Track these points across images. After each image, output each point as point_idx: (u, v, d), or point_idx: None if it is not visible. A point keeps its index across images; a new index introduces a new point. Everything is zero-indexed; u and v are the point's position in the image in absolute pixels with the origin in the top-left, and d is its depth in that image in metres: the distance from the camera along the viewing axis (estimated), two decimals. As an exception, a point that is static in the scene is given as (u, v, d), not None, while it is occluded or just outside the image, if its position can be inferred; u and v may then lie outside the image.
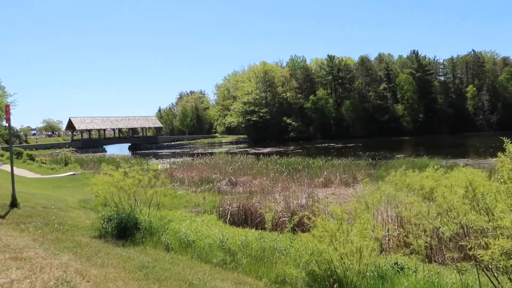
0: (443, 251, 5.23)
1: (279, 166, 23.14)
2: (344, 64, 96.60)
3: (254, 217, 10.07)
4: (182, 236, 6.50)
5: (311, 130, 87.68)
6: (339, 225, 4.85)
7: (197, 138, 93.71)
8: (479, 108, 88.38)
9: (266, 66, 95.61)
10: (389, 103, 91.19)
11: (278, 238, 6.75)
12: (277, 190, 16.43)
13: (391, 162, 24.17)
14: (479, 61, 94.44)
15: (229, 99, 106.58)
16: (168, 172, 25.04)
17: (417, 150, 43.86)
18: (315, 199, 11.59)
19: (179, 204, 14.99)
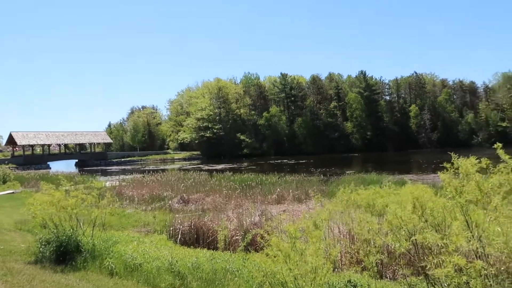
0: (393, 267, 5.30)
1: (232, 183, 22.92)
2: (297, 82, 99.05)
3: (206, 236, 9.76)
4: (128, 259, 6.09)
5: (264, 147, 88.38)
6: (293, 244, 4.75)
7: (148, 154, 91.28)
8: (421, 126, 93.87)
9: (220, 82, 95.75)
10: (339, 121, 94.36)
11: (230, 259, 6.52)
12: (230, 208, 16.20)
13: (341, 178, 24.77)
14: (420, 83, 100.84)
15: (182, 115, 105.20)
16: (116, 190, 23.99)
17: (366, 167, 45.38)
18: (268, 216, 11.50)
19: (128, 223, 14.31)
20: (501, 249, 2.82)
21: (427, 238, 3.16)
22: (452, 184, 3.41)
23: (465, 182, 3.30)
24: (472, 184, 3.21)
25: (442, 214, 3.48)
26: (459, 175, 3.42)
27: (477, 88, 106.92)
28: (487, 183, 3.18)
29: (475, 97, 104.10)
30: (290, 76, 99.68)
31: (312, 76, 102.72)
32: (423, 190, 4.06)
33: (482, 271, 2.72)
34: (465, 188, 3.26)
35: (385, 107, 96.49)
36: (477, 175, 3.24)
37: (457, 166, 3.39)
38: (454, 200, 3.26)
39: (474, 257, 3.30)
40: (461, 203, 3.19)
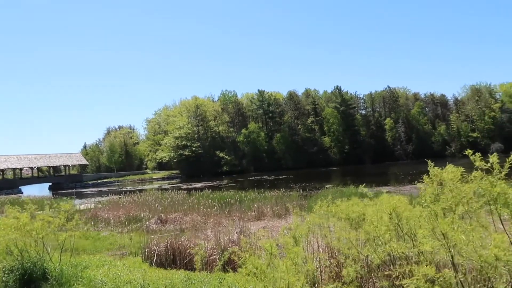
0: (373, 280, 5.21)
1: (211, 201, 22.62)
2: (274, 98, 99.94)
3: (183, 257, 9.47)
4: (97, 284, 5.79)
5: (244, 163, 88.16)
6: (269, 261, 4.60)
7: (126, 175, 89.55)
8: (396, 139, 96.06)
9: (198, 100, 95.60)
10: (317, 136, 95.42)
11: (206, 279, 6.30)
12: (209, 226, 15.92)
13: (320, 192, 24.82)
14: (394, 96, 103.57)
15: (160, 134, 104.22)
16: (91, 212, 23.33)
17: (345, 180, 45.78)
18: (247, 233, 11.30)
19: (102, 247, 13.84)
20: (469, 257, 2.78)
21: (396, 248, 3.09)
22: (428, 191, 3.38)
23: (441, 190, 3.28)
24: (447, 192, 3.18)
25: (418, 223, 3.44)
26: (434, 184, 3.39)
27: (447, 101, 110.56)
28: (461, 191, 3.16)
29: (446, 109, 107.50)
30: (268, 93, 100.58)
31: (289, 92, 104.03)
32: (399, 200, 4.02)
33: (451, 280, 2.66)
34: (441, 196, 3.23)
35: (361, 121, 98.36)
36: (452, 183, 3.22)
37: (434, 174, 3.37)
38: (428, 208, 3.23)
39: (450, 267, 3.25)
40: (435, 211, 3.16)
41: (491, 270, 2.76)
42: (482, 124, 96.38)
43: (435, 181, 3.37)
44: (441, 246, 2.97)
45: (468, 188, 3.11)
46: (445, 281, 2.71)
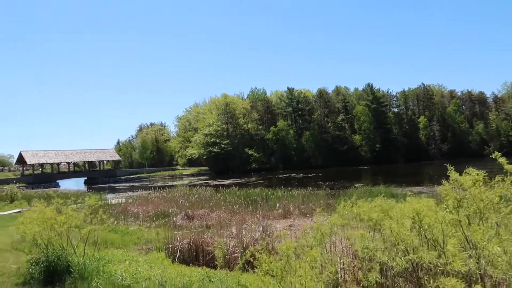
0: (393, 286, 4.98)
1: (237, 198, 22.62)
2: (303, 96, 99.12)
3: (205, 254, 9.46)
4: (117, 279, 5.84)
5: (272, 161, 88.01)
6: (285, 263, 4.46)
7: (157, 170, 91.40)
8: (430, 137, 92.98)
9: (227, 98, 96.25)
10: (347, 134, 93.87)
11: (226, 278, 6.23)
12: (234, 224, 15.90)
13: (349, 192, 24.30)
14: (428, 94, 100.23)
15: (190, 131, 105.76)
16: (122, 207, 23.87)
17: (375, 179, 44.81)
18: (270, 231, 11.16)
19: (130, 241, 14.08)
20: (504, 270, 2.53)
21: (423, 257, 2.87)
22: (451, 195, 3.13)
23: (464, 195, 3.03)
24: (470, 198, 2.93)
25: (441, 229, 3.20)
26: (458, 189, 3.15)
27: (486, 98, 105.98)
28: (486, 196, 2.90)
29: (484, 107, 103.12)
30: (297, 90, 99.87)
31: (319, 89, 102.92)
32: (424, 203, 3.77)
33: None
34: (463, 203, 2.99)
35: (393, 119, 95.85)
36: (475, 189, 2.96)
37: (455, 179, 3.13)
38: (452, 215, 2.98)
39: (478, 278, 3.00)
40: (459, 217, 2.91)
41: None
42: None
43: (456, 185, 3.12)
44: (470, 257, 2.73)
45: (490, 194, 2.85)
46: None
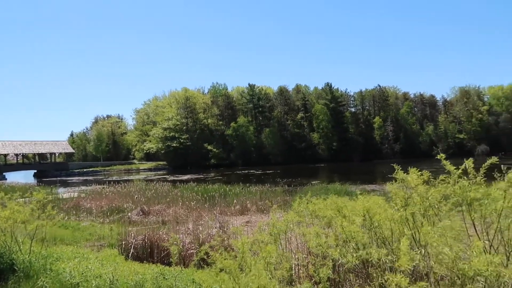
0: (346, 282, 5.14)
1: (195, 194, 22.42)
2: (264, 93, 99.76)
3: (160, 250, 9.30)
4: (65, 278, 5.60)
5: (232, 157, 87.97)
6: (241, 260, 4.46)
7: (112, 164, 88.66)
8: (384, 137, 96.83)
9: (188, 92, 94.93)
10: (306, 132, 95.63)
11: (180, 275, 6.15)
12: (191, 219, 15.76)
13: (306, 189, 24.77)
14: (383, 95, 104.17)
15: (148, 125, 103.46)
16: (74, 202, 22.99)
17: (332, 177, 46.02)
18: (227, 228, 11.16)
19: (81, 237, 13.58)
20: (450, 268, 2.67)
21: (373, 254, 2.98)
22: (399, 195, 3.27)
23: (410, 194, 3.17)
24: (417, 196, 3.07)
25: (390, 227, 3.33)
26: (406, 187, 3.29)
27: (436, 101, 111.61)
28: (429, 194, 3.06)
29: (434, 110, 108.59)
30: (258, 87, 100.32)
31: (280, 87, 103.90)
32: (375, 201, 3.90)
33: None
34: (410, 201, 3.13)
35: (350, 118, 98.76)
36: (421, 187, 3.11)
37: (401, 178, 3.27)
38: (400, 213, 3.12)
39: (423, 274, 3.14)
40: (406, 216, 3.05)
41: (470, 283, 2.66)
42: (469, 125, 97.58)
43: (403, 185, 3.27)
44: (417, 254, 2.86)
45: (434, 193, 3.01)
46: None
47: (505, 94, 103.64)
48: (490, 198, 2.92)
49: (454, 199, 3.10)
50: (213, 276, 4.27)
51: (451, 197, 3.16)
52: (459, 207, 3.29)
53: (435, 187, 3.18)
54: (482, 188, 2.97)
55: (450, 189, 3.07)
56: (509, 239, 3.29)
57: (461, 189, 2.97)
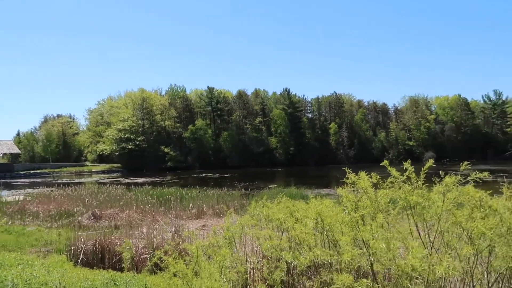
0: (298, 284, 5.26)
1: (150, 197, 21.93)
2: (223, 96, 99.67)
3: (112, 256, 9.01)
4: (7, 286, 5.29)
5: (189, 160, 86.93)
6: (195, 264, 4.44)
7: (63, 166, 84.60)
8: (339, 143, 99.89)
9: (145, 93, 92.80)
10: (264, 136, 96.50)
11: (132, 281, 6.00)
12: (145, 224, 15.42)
13: (263, 192, 24.97)
14: (339, 102, 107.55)
15: (102, 125, 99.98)
16: (19, 205, 21.75)
17: (288, 181, 46.63)
18: (182, 232, 11.01)
19: (26, 243, 12.89)
20: (388, 266, 2.83)
21: (319, 255, 3.09)
22: (349, 198, 3.42)
23: (360, 197, 3.33)
24: (366, 200, 3.23)
25: (340, 229, 3.47)
26: (356, 191, 3.45)
27: (388, 109, 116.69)
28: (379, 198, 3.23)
29: (386, 117, 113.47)
30: (217, 90, 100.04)
31: (239, 91, 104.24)
32: (326, 204, 4.04)
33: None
34: (360, 203, 3.28)
35: (307, 124, 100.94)
36: (371, 190, 3.28)
37: (352, 182, 3.43)
38: (349, 216, 3.26)
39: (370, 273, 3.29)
40: (356, 218, 3.19)
41: (407, 279, 2.83)
42: (418, 133, 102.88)
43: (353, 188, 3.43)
44: (361, 254, 3.00)
45: (382, 196, 3.19)
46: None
47: (450, 104, 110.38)
48: (431, 201, 3.13)
49: (401, 203, 3.28)
50: (166, 281, 4.22)
51: (397, 201, 3.35)
52: (406, 210, 3.49)
53: (384, 190, 3.36)
54: (421, 192, 3.18)
55: (396, 194, 3.25)
56: (448, 240, 3.53)
57: (404, 193, 3.16)
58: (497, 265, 3.38)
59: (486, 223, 2.76)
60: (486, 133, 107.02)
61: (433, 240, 3.29)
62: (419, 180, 3.30)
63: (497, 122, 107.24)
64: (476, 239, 2.84)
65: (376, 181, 3.47)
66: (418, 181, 3.30)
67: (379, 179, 3.54)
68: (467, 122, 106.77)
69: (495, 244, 2.96)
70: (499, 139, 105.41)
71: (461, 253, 2.87)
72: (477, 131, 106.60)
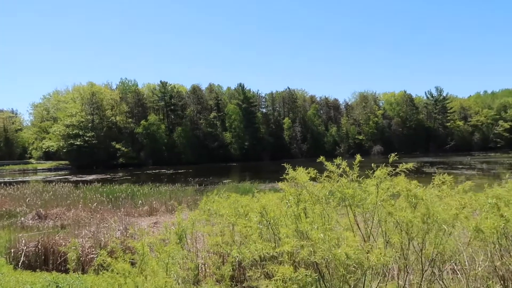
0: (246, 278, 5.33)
1: (99, 195, 21.19)
2: (177, 91, 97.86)
3: (56, 257, 8.63)
4: None
5: (142, 156, 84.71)
6: (141, 262, 4.37)
7: (5, 164, 79.37)
8: (293, 138, 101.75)
9: (94, 87, 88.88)
10: (219, 131, 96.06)
11: (76, 282, 5.80)
12: (94, 222, 14.89)
13: (217, 188, 24.92)
14: (293, 97, 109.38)
15: (48, 121, 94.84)
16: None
17: (243, 176, 46.81)
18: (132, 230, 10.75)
19: (-41, 247, 12.02)
20: (324, 256, 2.95)
21: (260, 248, 3.15)
22: (291, 191, 3.51)
23: (301, 190, 3.44)
24: (306, 193, 3.34)
25: (283, 222, 3.56)
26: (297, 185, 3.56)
27: (339, 105, 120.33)
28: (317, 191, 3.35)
29: (338, 112, 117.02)
30: (170, 85, 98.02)
31: (193, 85, 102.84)
32: (270, 198, 4.11)
33: (307, 278, 2.78)
34: (301, 197, 3.38)
35: (261, 119, 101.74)
36: (309, 184, 3.40)
37: (292, 176, 3.54)
38: (291, 209, 3.35)
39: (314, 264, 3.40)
40: (298, 211, 3.29)
41: (343, 267, 2.96)
42: (367, 128, 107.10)
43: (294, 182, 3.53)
44: (301, 245, 3.10)
45: (321, 189, 3.31)
46: (301, 280, 2.81)
47: (397, 100, 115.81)
48: (367, 193, 3.30)
49: (339, 195, 3.42)
50: (110, 280, 4.12)
51: (335, 193, 3.49)
52: (344, 202, 3.64)
53: (322, 183, 3.48)
54: (354, 184, 3.34)
55: (334, 187, 3.39)
56: (385, 229, 3.73)
57: (340, 186, 3.30)
58: (429, 252, 3.63)
59: (415, 212, 2.95)
60: (428, 128, 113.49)
61: (371, 230, 3.46)
62: (354, 173, 3.46)
63: (438, 117, 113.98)
64: (405, 227, 3.03)
65: (314, 176, 3.60)
66: (353, 174, 3.46)
67: (316, 173, 3.66)
68: (411, 117, 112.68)
69: (425, 231, 3.18)
70: (440, 133, 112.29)
71: (392, 241, 3.05)
72: (420, 125, 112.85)
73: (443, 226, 3.22)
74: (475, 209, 3.97)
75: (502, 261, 3.85)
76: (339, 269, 2.90)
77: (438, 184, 3.58)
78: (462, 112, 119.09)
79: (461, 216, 3.24)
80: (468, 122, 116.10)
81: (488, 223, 3.11)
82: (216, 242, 4.03)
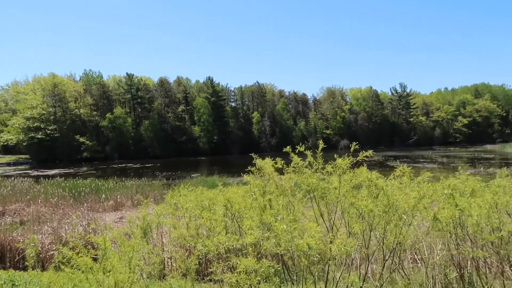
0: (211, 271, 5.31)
1: (61, 190, 20.49)
2: (144, 84, 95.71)
3: (14, 254, 8.27)
4: None
5: (107, 150, 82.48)
6: (102, 258, 4.25)
7: (-42, 159, 75.35)
8: (262, 132, 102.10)
9: (56, 78, 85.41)
10: (187, 125, 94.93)
11: (34, 280, 5.57)
12: (56, 218, 14.40)
13: (185, 182, 24.67)
14: (262, 92, 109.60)
15: (6, 113, 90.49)
16: None
17: (212, 169, 46.62)
18: (97, 225, 10.48)
19: None
20: (287, 247, 2.98)
21: (223, 241, 3.14)
22: (256, 183, 3.50)
23: (267, 182, 3.44)
24: (271, 184, 3.34)
25: (249, 215, 3.55)
26: (263, 176, 3.55)
27: (308, 100, 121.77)
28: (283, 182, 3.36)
29: (306, 107, 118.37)
30: (137, 77, 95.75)
31: (160, 78, 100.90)
32: (234, 191, 4.09)
33: (269, 270, 2.79)
34: (267, 189, 3.39)
35: (230, 112, 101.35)
36: (275, 175, 3.41)
37: (259, 167, 3.53)
38: (257, 201, 3.34)
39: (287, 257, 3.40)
40: (263, 202, 3.29)
41: (306, 258, 2.99)
42: (334, 122, 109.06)
43: (261, 174, 3.53)
44: (266, 237, 3.10)
45: (287, 180, 3.33)
46: (264, 271, 2.81)
47: (363, 95, 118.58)
48: (329, 184, 3.34)
49: (304, 187, 3.45)
50: (69, 276, 3.99)
51: (301, 185, 3.51)
52: (309, 193, 3.68)
53: (288, 174, 3.50)
54: (319, 175, 3.38)
55: (299, 178, 3.41)
56: (348, 220, 3.79)
57: (306, 178, 3.33)
58: (390, 242, 3.73)
59: (376, 201, 3.01)
60: (393, 123, 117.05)
61: (333, 221, 3.51)
62: (319, 163, 3.49)
63: (402, 112, 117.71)
64: (367, 217, 3.09)
65: (281, 167, 3.60)
66: (318, 164, 3.49)
67: (284, 163, 3.68)
68: (377, 112, 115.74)
69: (386, 221, 3.26)
70: (404, 128, 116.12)
71: (353, 231, 3.11)
72: (385, 120, 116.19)
73: (403, 216, 3.31)
74: (434, 200, 4.12)
75: (458, 250, 4.02)
76: (302, 259, 2.92)
77: (399, 175, 3.68)
78: (425, 108, 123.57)
79: (420, 206, 3.34)
80: (430, 117, 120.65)
81: (444, 213, 3.22)
82: (180, 235, 3.96)
